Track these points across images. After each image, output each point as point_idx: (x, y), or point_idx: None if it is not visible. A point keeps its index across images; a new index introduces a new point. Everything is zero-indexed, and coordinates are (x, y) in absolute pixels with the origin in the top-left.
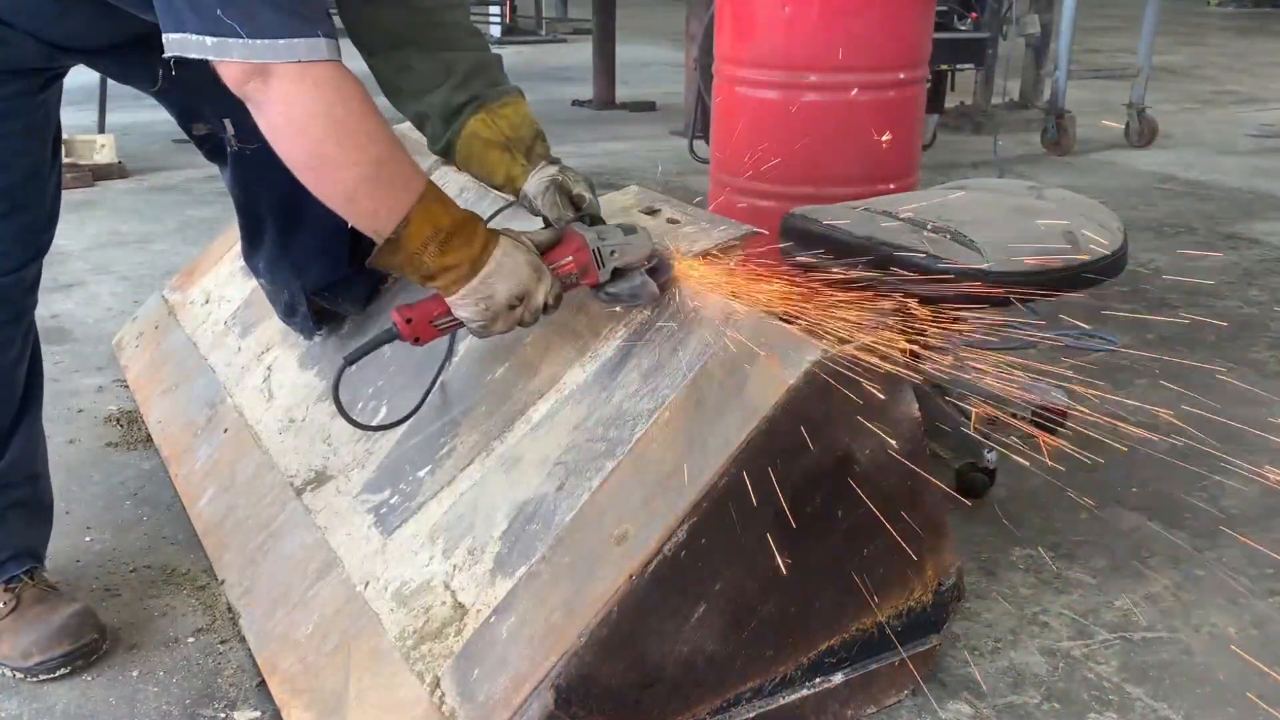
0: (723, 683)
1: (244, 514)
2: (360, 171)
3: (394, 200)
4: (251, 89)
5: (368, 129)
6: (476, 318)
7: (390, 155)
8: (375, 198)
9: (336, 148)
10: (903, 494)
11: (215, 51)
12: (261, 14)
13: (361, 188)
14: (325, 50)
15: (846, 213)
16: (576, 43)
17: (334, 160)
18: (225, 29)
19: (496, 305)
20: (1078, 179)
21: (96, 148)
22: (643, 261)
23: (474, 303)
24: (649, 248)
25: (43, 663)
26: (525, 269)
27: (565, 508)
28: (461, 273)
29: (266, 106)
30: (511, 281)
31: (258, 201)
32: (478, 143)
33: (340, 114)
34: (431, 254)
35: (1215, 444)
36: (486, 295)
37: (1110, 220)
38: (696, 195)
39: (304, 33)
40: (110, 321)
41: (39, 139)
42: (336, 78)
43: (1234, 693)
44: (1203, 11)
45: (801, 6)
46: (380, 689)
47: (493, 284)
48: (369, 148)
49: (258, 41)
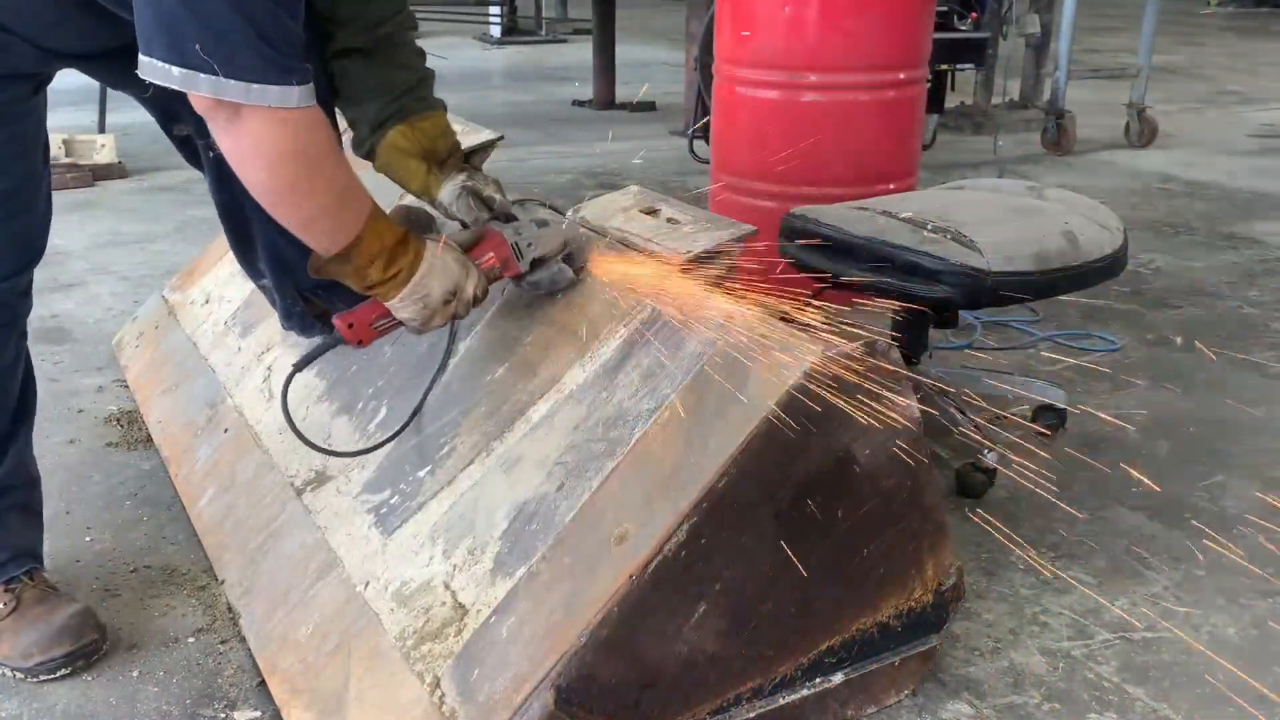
0: (723, 683)
1: (244, 514)
2: (323, 201)
3: (350, 224)
4: (220, 116)
5: (333, 163)
6: (415, 316)
7: (349, 184)
8: (334, 223)
9: (307, 182)
10: (903, 494)
11: (181, 83)
12: (242, 55)
13: (322, 215)
14: (296, 99)
15: (846, 213)
16: (576, 43)
17: (302, 191)
18: (197, 62)
19: (433, 303)
20: (1078, 179)
21: (96, 148)
22: (558, 250)
23: (413, 303)
24: (562, 237)
25: (43, 663)
26: (455, 267)
27: (565, 508)
28: (401, 279)
29: (234, 137)
30: (444, 280)
31: (242, 204)
32: (395, 152)
33: (311, 153)
34: (378, 267)
35: (1215, 444)
36: (423, 295)
37: (1110, 220)
38: (696, 195)
39: (280, 80)
40: (110, 321)
41: (32, 144)
42: (308, 120)
43: (1234, 693)
44: (1203, 11)
45: (801, 6)
46: (380, 689)
47: (428, 284)
48: (334, 180)
49: (231, 82)
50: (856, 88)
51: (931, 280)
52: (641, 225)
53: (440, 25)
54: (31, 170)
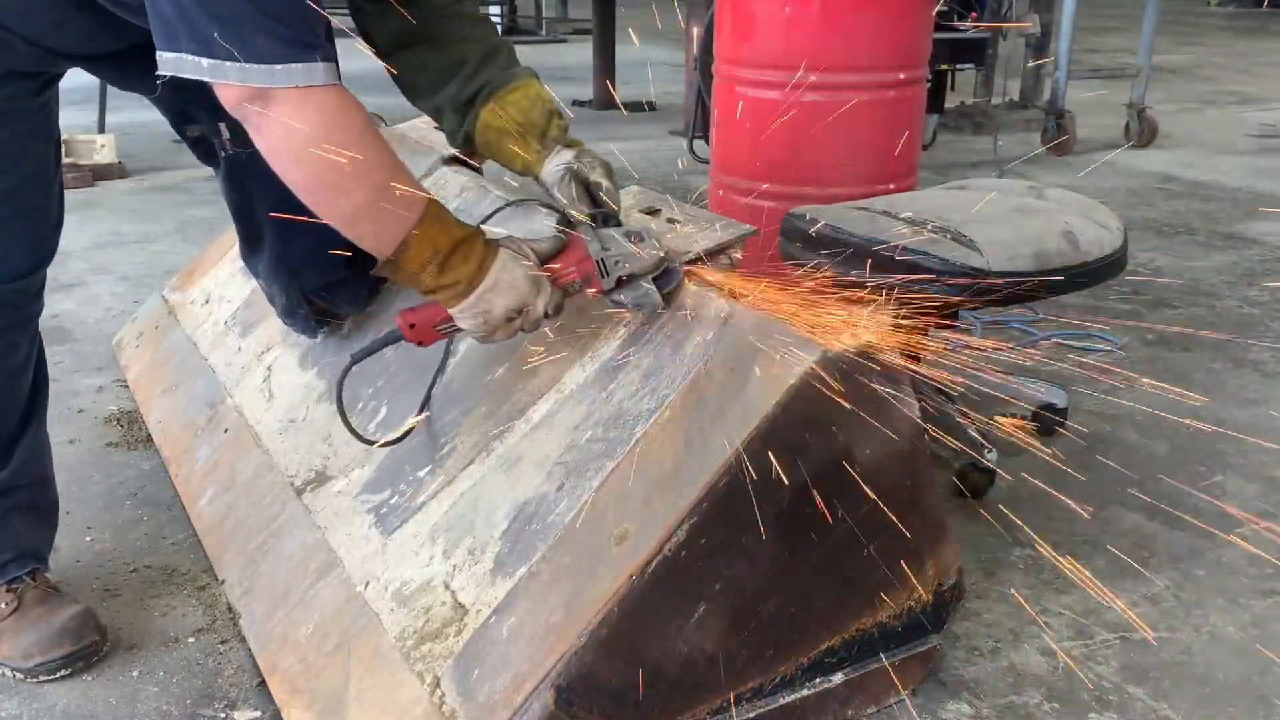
0: (723, 683)
1: (244, 514)
2: (361, 197)
3: (394, 225)
4: (251, 112)
5: (369, 155)
6: (477, 329)
7: (389, 179)
8: (375, 222)
9: (337, 174)
10: (903, 494)
11: (211, 73)
12: (256, 39)
13: (361, 212)
14: (322, 75)
15: (846, 213)
16: (576, 43)
17: (335, 186)
18: (222, 52)
19: (495, 318)
20: (1078, 179)
21: (96, 148)
22: (649, 270)
23: (472, 315)
24: (655, 258)
25: (43, 663)
26: (523, 283)
27: (565, 508)
28: (459, 290)
29: (265, 130)
30: (509, 296)
31: (253, 205)
32: (491, 133)
33: (341, 141)
34: (430, 274)
35: (1215, 444)
36: (484, 310)
37: (1110, 220)
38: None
39: (300, 58)
40: (110, 321)
41: (41, 141)
42: (337, 102)
43: (1234, 693)
44: (1203, 11)
45: (801, 6)
46: (380, 689)
47: (490, 299)
48: (370, 174)
49: (254, 66)
50: (856, 88)
51: (931, 280)
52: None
53: None
54: (40, 169)
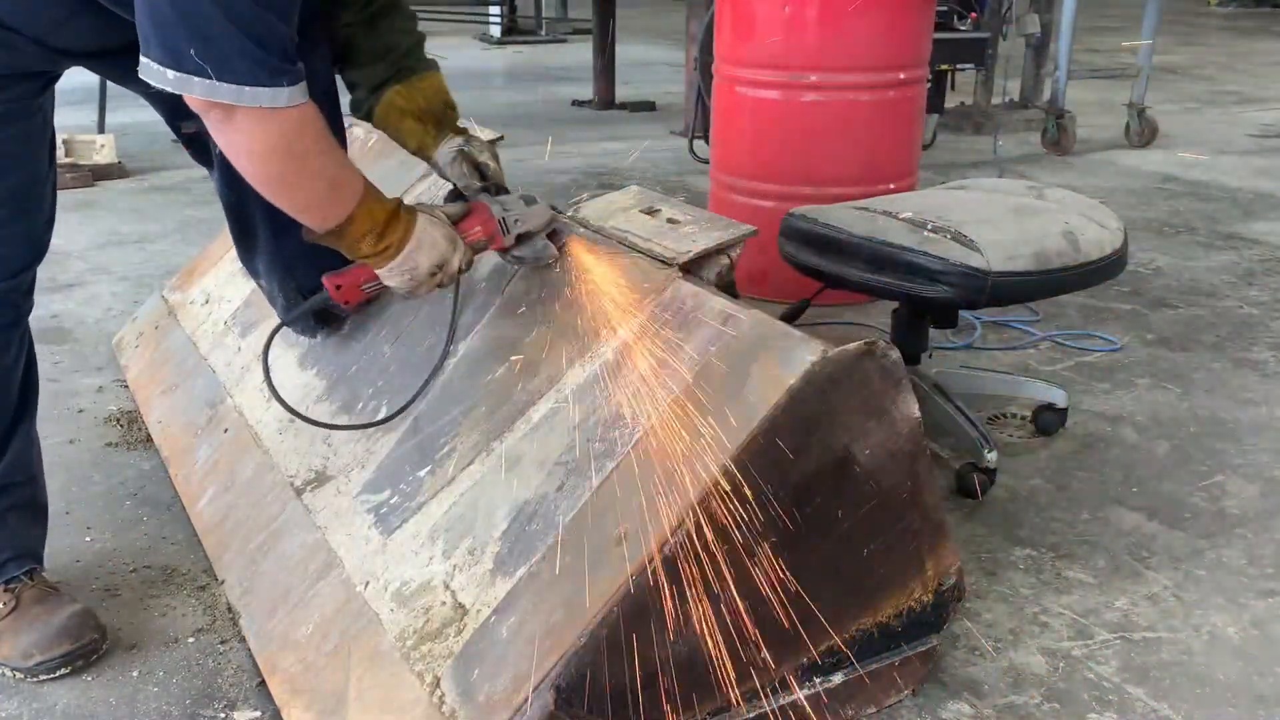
0: (722, 683)
1: (244, 514)
2: (314, 190)
3: (341, 208)
4: (214, 116)
5: (323, 158)
6: (403, 285)
7: (339, 173)
8: (325, 208)
9: (296, 175)
10: (903, 494)
11: (175, 85)
12: (235, 60)
13: (314, 202)
14: (287, 99)
15: (846, 213)
16: (576, 43)
17: (291, 185)
18: (191, 67)
19: (419, 274)
20: (1078, 179)
21: (96, 148)
22: (543, 227)
23: (400, 273)
24: (548, 215)
25: (43, 663)
26: (443, 242)
27: (565, 508)
28: (391, 253)
29: (228, 134)
30: (432, 254)
31: (246, 203)
32: (394, 112)
33: (299, 149)
34: (369, 242)
35: (1215, 444)
36: (411, 267)
37: (1110, 220)
38: (697, 195)
39: (271, 82)
40: (110, 321)
41: (39, 142)
42: (299, 118)
43: (1234, 693)
44: (1203, 11)
45: (801, 6)
46: (380, 689)
47: (415, 257)
48: (324, 173)
49: (223, 84)
50: (856, 88)
51: (931, 280)
52: (641, 225)
53: (440, 25)
54: (38, 169)
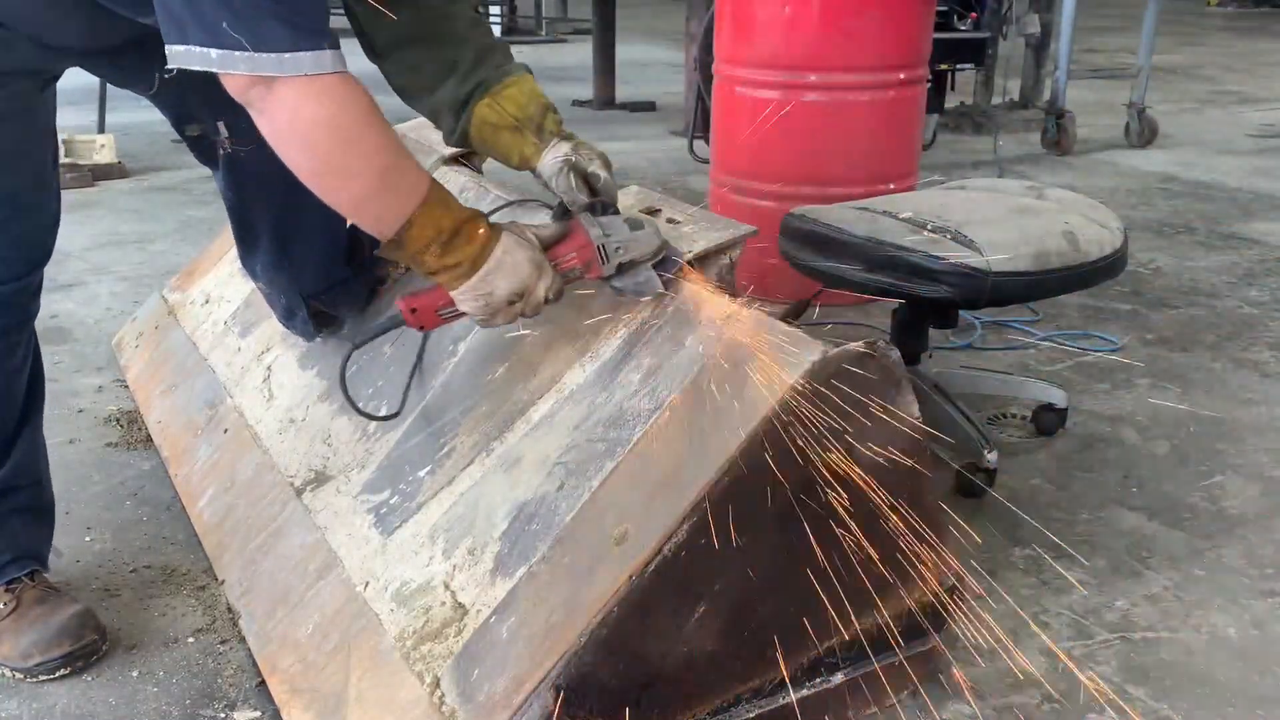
0: (723, 683)
1: (244, 514)
2: (366, 180)
3: (398, 206)
4: (254, 95)
5: (374, 139)
6: (478, 312)
7: (395, 163)
8: (380, 204)
9: (343, 158)
10: (902, 494)
11: (220, 64)
12: (267, 27)
13: (367, 195)
14: (330, 63)
15: (846, 213)
16: (576, 43)
17: (340, 170)
18: (230, 42)
19: (496, 301)
20: (1078, 179)
21: (96, 148)
22: (650, 257)
23: (474, 298)
24: (655, 244)
25: (43, 663)
26: (526, 266)
27: (565, 508)
28: (461, 271)
29: (271, 113)
30: (512, 279)
31: (251, 205)
32: (487, 128)
33: (346, 124)
34: (433, 254)
35: (1215, 444)
36: (486, 292)
37: (1110, 220)
38: (696, 195)
39: (310, 46)
40: (110, 321)
41: (41, 142)
42: (343, 88)
43: (1234, 693)
44: (1203, 11)
45: (801, 6)
46: (380, 689)
47: (493, 281)
48: (375, 158)
49: (263, 55)
50: (856, 88)
51: (931, 280)
52: None
53: None
54: (39, 170)
